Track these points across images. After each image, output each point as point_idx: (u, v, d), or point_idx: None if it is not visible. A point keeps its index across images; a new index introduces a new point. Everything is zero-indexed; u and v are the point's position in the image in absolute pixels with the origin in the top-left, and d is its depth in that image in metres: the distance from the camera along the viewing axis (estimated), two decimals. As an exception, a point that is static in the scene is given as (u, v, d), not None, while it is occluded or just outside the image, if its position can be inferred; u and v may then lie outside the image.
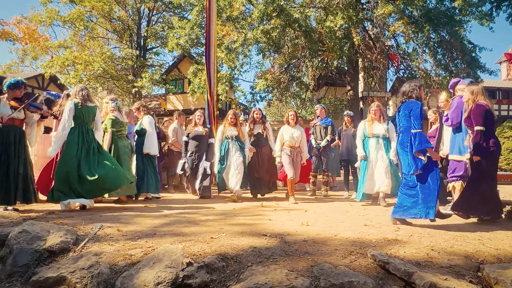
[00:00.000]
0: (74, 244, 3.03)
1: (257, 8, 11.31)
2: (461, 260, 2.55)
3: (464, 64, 12.09)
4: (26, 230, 3.11)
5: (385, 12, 11.01)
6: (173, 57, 21.85)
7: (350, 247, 2.81)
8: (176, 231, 3.34)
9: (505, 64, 22.61)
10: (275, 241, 2.98)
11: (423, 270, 2.34)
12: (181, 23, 13.50)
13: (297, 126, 6.18)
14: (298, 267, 2.42)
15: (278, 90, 14.19)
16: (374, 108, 5.62)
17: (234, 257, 2.61)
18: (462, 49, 11.96)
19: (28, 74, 22.20)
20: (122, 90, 18.76)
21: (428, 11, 11.43)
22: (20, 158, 4.29)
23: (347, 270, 2.35)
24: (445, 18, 11.46)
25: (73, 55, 16.85)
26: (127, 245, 2.94)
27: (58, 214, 4.14)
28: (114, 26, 19.83)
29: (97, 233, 3.24)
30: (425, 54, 12.12)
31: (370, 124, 5.56)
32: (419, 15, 11.25)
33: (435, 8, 11.89)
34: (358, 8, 11.97)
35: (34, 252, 2.89)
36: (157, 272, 2.42)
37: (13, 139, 4.25)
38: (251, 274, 2.34)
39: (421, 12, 11.19)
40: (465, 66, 12.04)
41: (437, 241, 3.03)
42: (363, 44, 12.55)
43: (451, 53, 12.42)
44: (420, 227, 3.59)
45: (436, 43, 12.17)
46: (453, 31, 11.70)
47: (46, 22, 18.99)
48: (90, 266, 2.62)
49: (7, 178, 4.19)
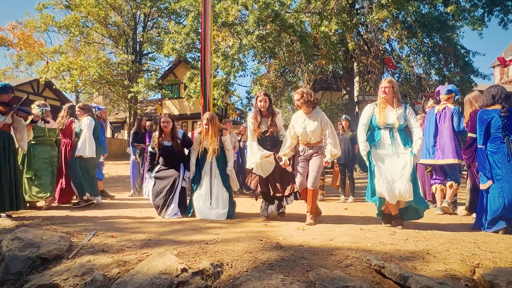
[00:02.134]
0: (68, 251, 2.99)
1: (252, 13, 11.37)
2: (457, 263, 2.55)
3: (458, 69, 12.20)
4: (19, 237, 3.07)
5: (379, 18, 11.12)
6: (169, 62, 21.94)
7: (346, 252, 2.80)
8: (171, 238, 3.31)
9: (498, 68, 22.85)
10: (270, 246, 2.96)
11: (418, 274, 2.33)
12: (177, 28, 13.54)
13: (316, 111, 4.17)
14: (294, 273, 2.40)
15: (273, 94, 14.23)
16: (385, 85, 3.84)
17: (229, 263, 2.58)
18: (456, 54, 12.09)
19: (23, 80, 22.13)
20: (118, 95, 18.76)
21: (421, 16, 11.56)
22: (10, 164, 4.24)
23: (342, 275, 2.34)
24: (438, 23, 11.60)
25: (68, 60, 16.84)
26: (122, 252, 2.90)
27: (52, 220, 4.09)
28: (109, 31, 19.86)
29: (91, 240, 3.21)
30: (418, 58, 12.22)
31: (383, 108, 3.82)
32: (413, 20, 11.36)
33: (428, 13, 12.03)
34: (352, 13, 12.08)
35: (27, 260, 2.84)
36: (152, 278, 2.39)
37: (1, 144, 4.18)
38: (246, 280, 2.32)
39: (414, 17, 11.31)
40: (459, 71, 12.15)
41: (432, 245, 3.02)
42: (358, 48, 12.66)
43: (445, 57, 12.55)
44: (416, 231, 3.58)
45: (430, 48, 12.29)
46: (446, 36, 11.83)
47: (41, 27, 19.01)
48: (83, 274, 2.58)
49: (1, 185, 4.12)
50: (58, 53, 20.19)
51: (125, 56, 18.20)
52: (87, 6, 17.40)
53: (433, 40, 12.19)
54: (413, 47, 12.09)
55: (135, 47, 20.04)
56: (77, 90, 20.30)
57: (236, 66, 12.31)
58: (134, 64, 18.41)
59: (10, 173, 4.21)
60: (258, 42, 11.51)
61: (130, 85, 17.78)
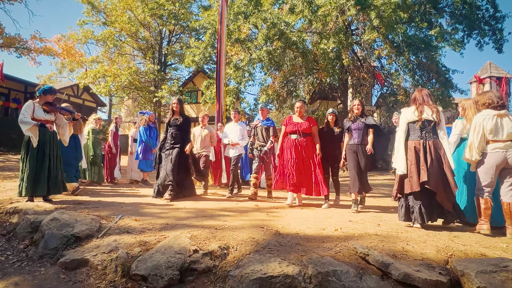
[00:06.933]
0: (98, 231, 3.02)
1: (261, 32, 11.36)
2: (432, 254, 2.51)
3: (439, 84, 12.05)
4: (57, 218, 3.11)
5: (371, 38, 11.03)
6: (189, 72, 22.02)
7: (336, 240, 2.78)
8: (186, 223, 3.32)
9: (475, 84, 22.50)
10: (270, 233, 2.96)
11: (398, 262, 2.31)
12: (196, 43, 13.59)
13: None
14: (290, 257, 2.39)
15: (277, 102, 14.22)
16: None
17: (234, 246, 2.58)
18: (438, 71, 11.94)
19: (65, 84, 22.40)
20: (144, 99, 18.89)
21: (408, 37, 11.44)
22: (54, 155, 4.30)
23: (332, 260, 2.32)
24: (423, 43, 11.47)
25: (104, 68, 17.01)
26: (143, 233, 2.92)
27: (85, 205, 4.13)
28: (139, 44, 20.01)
29: (117, 222, 3.23)
30: (405, 74, 12.10)
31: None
32: (400, 40, 11.26)
33: (415, 35, 11.90)
34: (348, 33, 12.00)
35: (63, 237, 2.88)
36: (168, 257, 2.41)
37: (48, 138, 4.25)
38: (249, 262, 2.32)
39: (402, 38, 11.20)
40: (440, 86, 12.00)
41: (412, 237, 2.99)
42: (352, 64, 12.57)
43: (428, 74, 12.39)
44: (398, 224, 3.55)
45: (415, 65, 12.16)
46: (430, 55, 11.69)
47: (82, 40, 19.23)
48: (110, 251, 2.60)
49: (44, 173, 4.18)
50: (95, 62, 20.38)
51: (152, 66, 18.33)
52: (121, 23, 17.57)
53: (418, 58, 12.05)
54: (400, 63, 11.97)
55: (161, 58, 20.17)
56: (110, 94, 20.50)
57: (246, 76, 12.32)
58: (159, 73, 18.54)
59: (53, 163, 4.28)
60: (266, 56, 11.50)
61: (155, 91, 17.91)
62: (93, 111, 21.84)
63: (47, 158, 4.20)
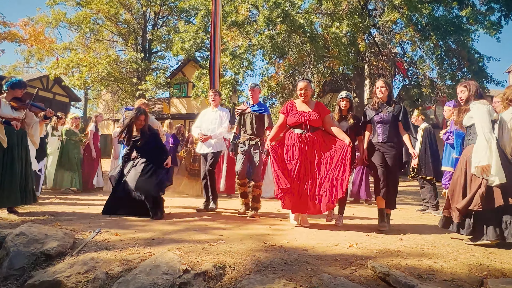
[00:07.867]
0: (71, 248, 3.02)
1: (262, 13, 11.38)
2: (464, 273, 2.51)
3: (471, 74, 12.05)
4: (24, 232, 3.11)
5: (391, 20, 11.03)
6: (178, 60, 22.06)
7: (351, 258, 2.78)
8: (175, 237, 3.32)
9: (514, 73, 22.50)
10: (274, 249, 2.96)
11: (424, 283, 2.31)
12: (186, 27, 13.62)
13: None
14: (297, 277, 2.39)
15: (282, 95, 14.20)
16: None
17: (232, 265, 2.58)
18: (469, 58, 11.93)
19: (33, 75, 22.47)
20: (126, 93, 18.91)
21: (435, 19, 11.43)
22: (22, 159, 4.31)
23: (346, 281, 2.32)
24: (452, 26, 11.45)
25: (78, 57, 17.04)
26: (125, 250, 2.92)
27: (57, 216, 4.14)
28: (119, 29, 20.06)
29: (94, 238, 3.24)
30: (431, 62, 12.09)
31: None
32: (426, 23, 11.25)
33: (443, 16, 11.89)
34: (364, 14, 12.00)
35: (31, 255, 2.88)
36: (154, 278, 2.41)
37: (15, 140, 4.24)
38: (249, 284, 2.32)
39: (427, 20, 11.19)
40: (472, 76, 12.00)
41: (440, 253, 2.99)
42: (369, 50, 12.56)
43: (458, 62, 12.40)
44: (423, 238, 3.55)
45: (443, 51, 12.15)
46: (460, 40, 11.67)
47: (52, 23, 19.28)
48: (86, 271, 2.60)
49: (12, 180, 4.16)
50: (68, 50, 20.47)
51: (134, 54, 18.36)
52: (98, 3, 17.59)
53: (446, 44, 12.05)
54: (426, 50, 11.96)
55: (145, 45, 20.21)
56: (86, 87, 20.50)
57: (244, 66, 12.33)
58: (143, 62, 18.56)
59: (22, 169, 4.28)
60: (268, 42, 11.50)
61: (138, 83, 17.94)
62: (66, 107, 21.90)
63: (16, 163, 4.19)
